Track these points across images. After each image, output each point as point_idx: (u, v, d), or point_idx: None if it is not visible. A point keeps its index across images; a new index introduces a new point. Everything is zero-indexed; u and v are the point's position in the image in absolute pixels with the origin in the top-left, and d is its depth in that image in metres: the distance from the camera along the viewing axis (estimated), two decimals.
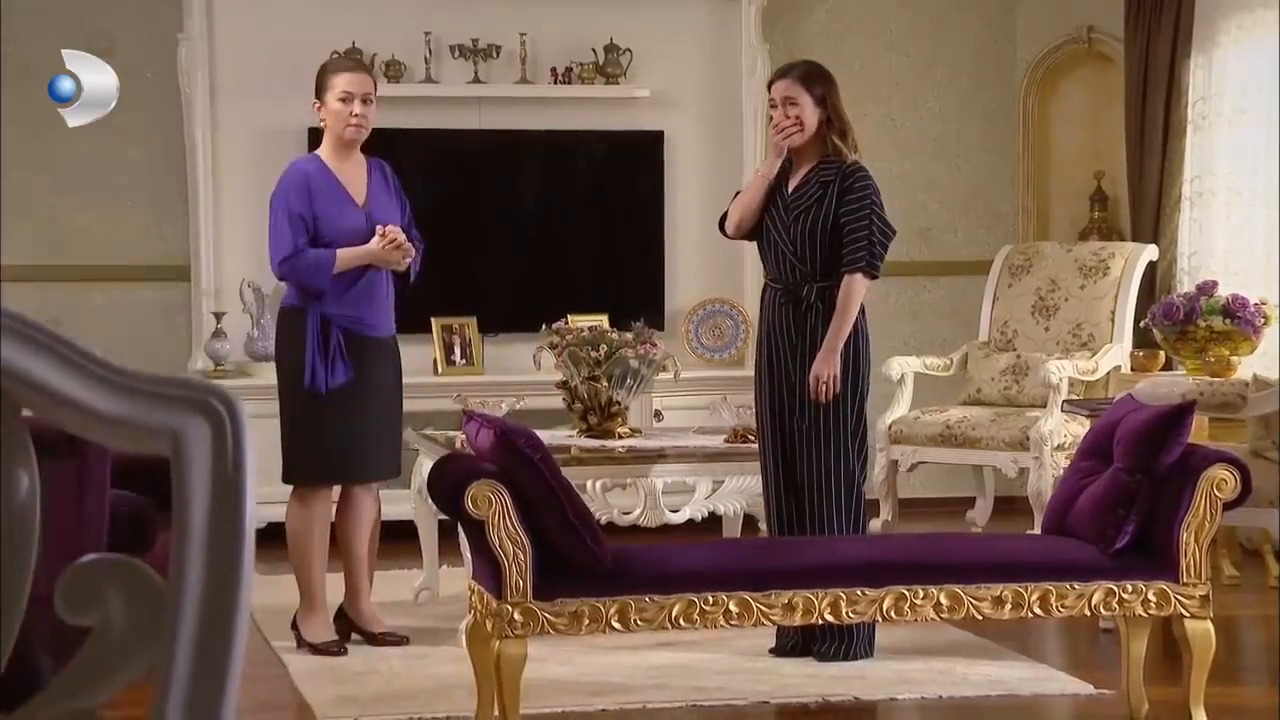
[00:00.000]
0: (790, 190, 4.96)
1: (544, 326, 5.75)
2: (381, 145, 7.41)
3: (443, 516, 5.59)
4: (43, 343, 1.15)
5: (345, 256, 5.09)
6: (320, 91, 5.18)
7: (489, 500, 4.01)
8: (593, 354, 5.49)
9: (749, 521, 5.93)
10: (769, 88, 5.04)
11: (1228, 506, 4.19)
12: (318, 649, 5.12)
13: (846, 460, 4.82)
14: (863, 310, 4.90)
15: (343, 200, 5.17)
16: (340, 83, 5.14)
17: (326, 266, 5.06)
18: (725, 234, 5.09)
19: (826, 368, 4.81)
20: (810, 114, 4.91)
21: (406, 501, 6.05)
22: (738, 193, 5.11)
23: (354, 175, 5.23)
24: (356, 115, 5.13)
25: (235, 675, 1.15)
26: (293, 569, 5.25)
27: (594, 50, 7.42)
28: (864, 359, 4.93)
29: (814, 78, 4.97)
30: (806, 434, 4.85)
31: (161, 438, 1.15)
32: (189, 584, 1.13)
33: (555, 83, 7.43)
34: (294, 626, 5.23)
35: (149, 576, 1.15)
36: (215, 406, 1.15)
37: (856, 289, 4.86)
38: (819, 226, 4.89)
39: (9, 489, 1.14)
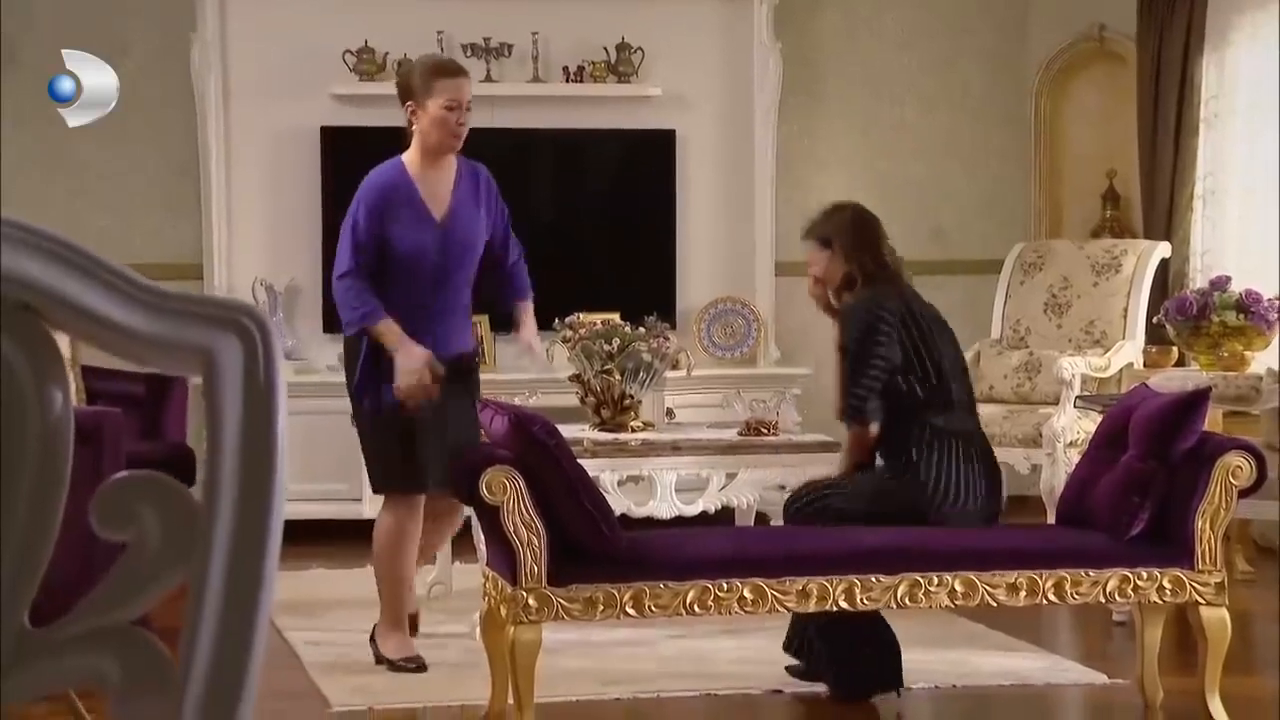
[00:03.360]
0: None
1: (557, 322, 5.76)
2: (395, 145, 7.44)
3: None
4: (77, 263, 1.16)
5: (387, 332, 4.72)
6: (415, 94, 4.79)
7: (504, 486, 4.02)
8: (605, 347, 5.49)
9: (760, 517, 5.92)
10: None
11: (1243, 494, 4.19)
12: (397, 665, 4.84)
13: None
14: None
15: (419, 216, 4.82)
16: (448, 89, 4.77)
17: (363, 317, 4.74)
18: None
19: None
20: (823, 268, 4.59)
21: None
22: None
23: (439, 185, 4.87)
24: (462, 125, 4.80)
25: (269, 591, 1.16)
26: (378, 581, 4.97)
27: (606, 49, 7.44)
28: None
29: (819, 226, 4.63)
30: None
31: (194, 356, 1.16)
32: (222, 500, 1.14)
33: (567, 81, 7.45)
34: (372, 640, 4.95)
35: (182, 493, 1.16)
36: (247, 325, 1.16)
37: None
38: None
39: (44, 406, 1.15)
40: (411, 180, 4.85)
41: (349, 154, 7.36)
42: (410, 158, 4.90)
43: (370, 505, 7.20)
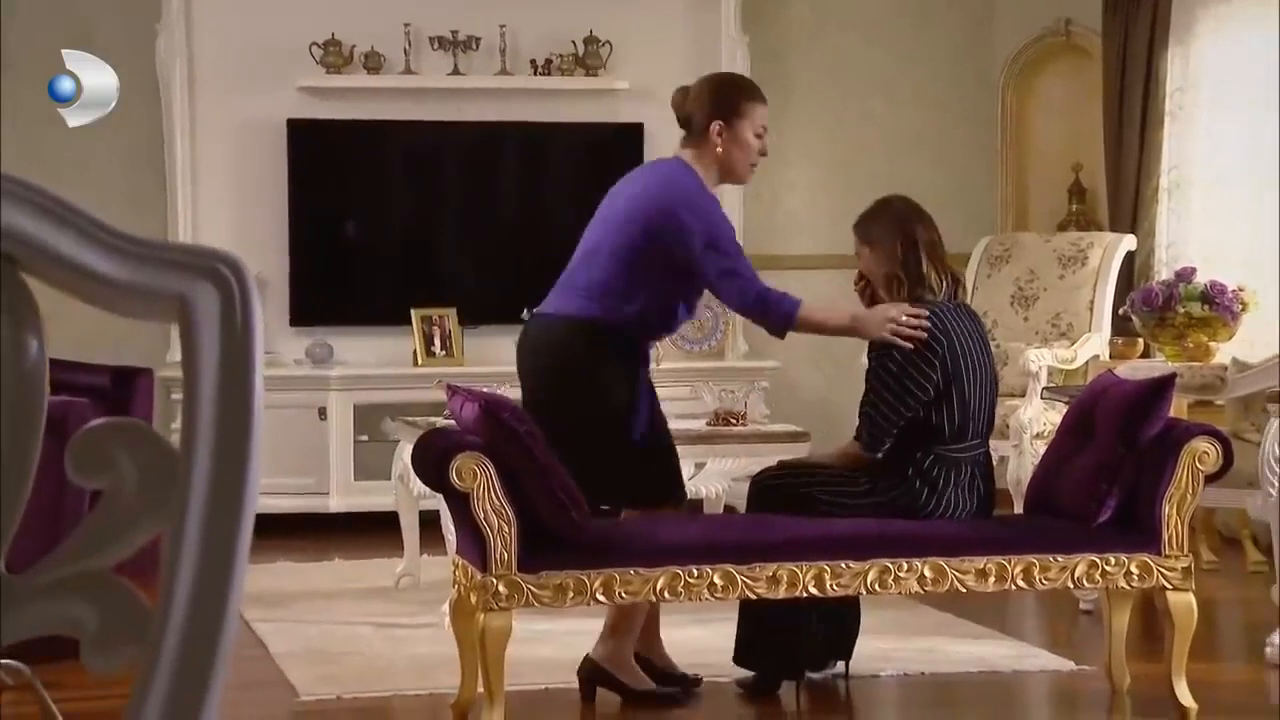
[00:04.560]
0: None
1: (525, 311, 5.75)
2: (362, 138, 7.44)
3: (424, 505, 5.59)
4: (53, 211, 1.15)
5: (820, 310, 4.40)
6: (728, 112, 4.37)
7: (474, 473, 4.00)
8: None
9: (728, 508, 5.93)
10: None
11: (1209, 479, 4.21)
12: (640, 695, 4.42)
13: None
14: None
15: None
16: (760, 116, 4.40)
17: (796, 306, 4.33)
18: None
19: None
20: (865, 265, 4.45)
21: (388, 493, 6.05)
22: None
23: None
24: (764, 155, 4.46)
25: (246, 541, 1.15)
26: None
27: (574, 42, 7.43)
28: None
29: (863, 223, 4.47)
30: None
31: (170, 304, 1.15)
32: (200, 446, 1.13)
33: (535, 75, 7.44)
34: (604, 679, 4.40)
35: (159, 440, 1.15)
36: (223, 272, 1.15)
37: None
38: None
39: (19, 353, 1.14)
40: None
41: (315, 147, 7.36)
42: (698, 169, 4.40)
43: (336, 499, 7.19)
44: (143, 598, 1.14)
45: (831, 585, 4.15)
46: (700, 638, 4.96)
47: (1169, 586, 4.20)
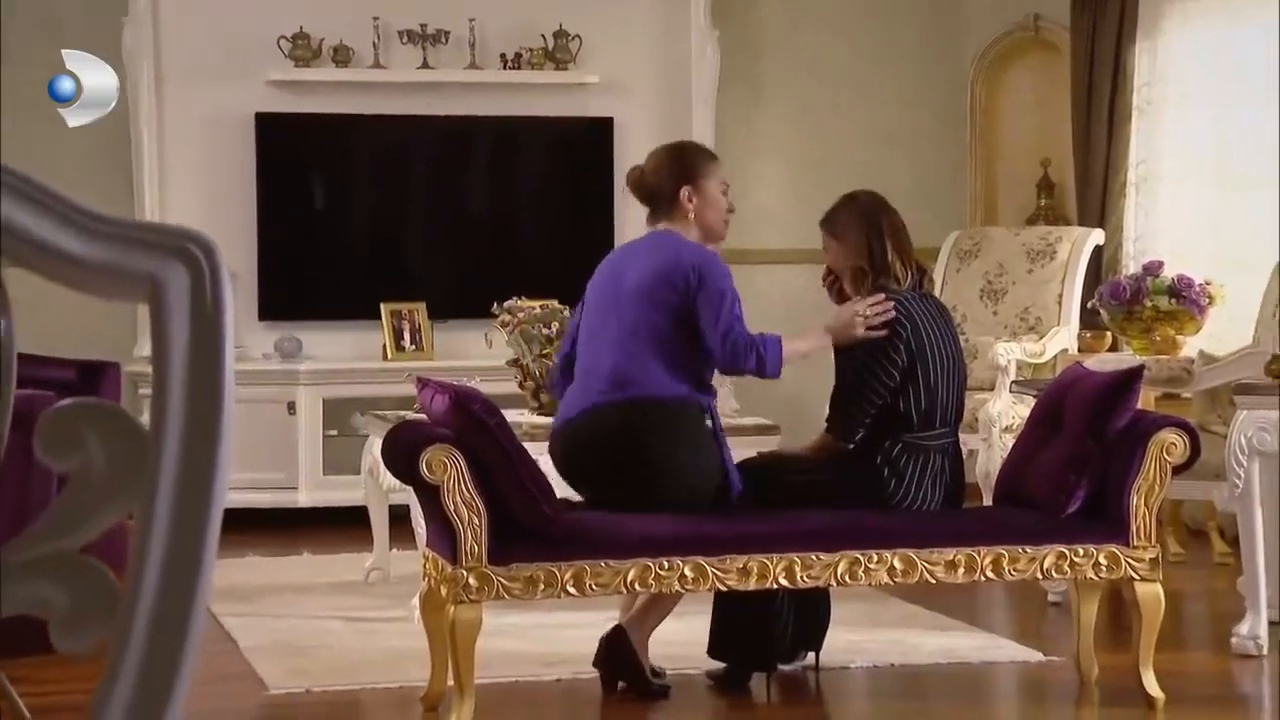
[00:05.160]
0: None
1: (495, 306, 5.74)
2: (330, 132, 7.42)
3: (393, 500, 5.58)
4: (23, 190, 1.14)
5: (799, 338, 4.45)
6: (693, 175, 4.44)
7: (444, 465, 3.99)
8: (544, 331, 5.49)
9: None
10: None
11: (1177, 470, 4.23)
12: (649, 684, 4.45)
13: None
14: None
15: None
16: (720, 173, 4.50)
17: (781, 346, 4.35)
18: None
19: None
20: (833, 259, 4.51)
21: (357, 487, 6.04)
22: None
23: None
24: (732, 212, 4.54)
25: (216, 521, 1.15)
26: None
27: (543, 36, 7.43)
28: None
29: (830, 217, 4.51)
30: None
31: (140, 283, 1.15)
32: (169, 427, 1.12)
33: (504, 69, 7.43)
34: (624, 651, 4.42)
35: (129, 420, 1.15)
36: (193, 252, 1.15)
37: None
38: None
39: None
40: None
41: (284, 141, 7.33)
42: (683, 235, 4.45)
43: (306, 494, 7.17)
44: (112, 577, 1.14)
45: (802, 577, 4.16)
46: (671, 630, 4.96)
47: (1137, 577, 4.22)
